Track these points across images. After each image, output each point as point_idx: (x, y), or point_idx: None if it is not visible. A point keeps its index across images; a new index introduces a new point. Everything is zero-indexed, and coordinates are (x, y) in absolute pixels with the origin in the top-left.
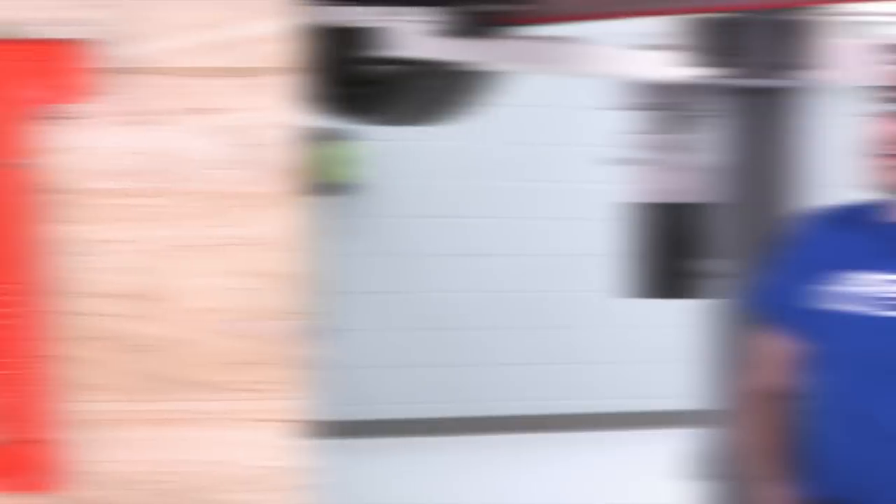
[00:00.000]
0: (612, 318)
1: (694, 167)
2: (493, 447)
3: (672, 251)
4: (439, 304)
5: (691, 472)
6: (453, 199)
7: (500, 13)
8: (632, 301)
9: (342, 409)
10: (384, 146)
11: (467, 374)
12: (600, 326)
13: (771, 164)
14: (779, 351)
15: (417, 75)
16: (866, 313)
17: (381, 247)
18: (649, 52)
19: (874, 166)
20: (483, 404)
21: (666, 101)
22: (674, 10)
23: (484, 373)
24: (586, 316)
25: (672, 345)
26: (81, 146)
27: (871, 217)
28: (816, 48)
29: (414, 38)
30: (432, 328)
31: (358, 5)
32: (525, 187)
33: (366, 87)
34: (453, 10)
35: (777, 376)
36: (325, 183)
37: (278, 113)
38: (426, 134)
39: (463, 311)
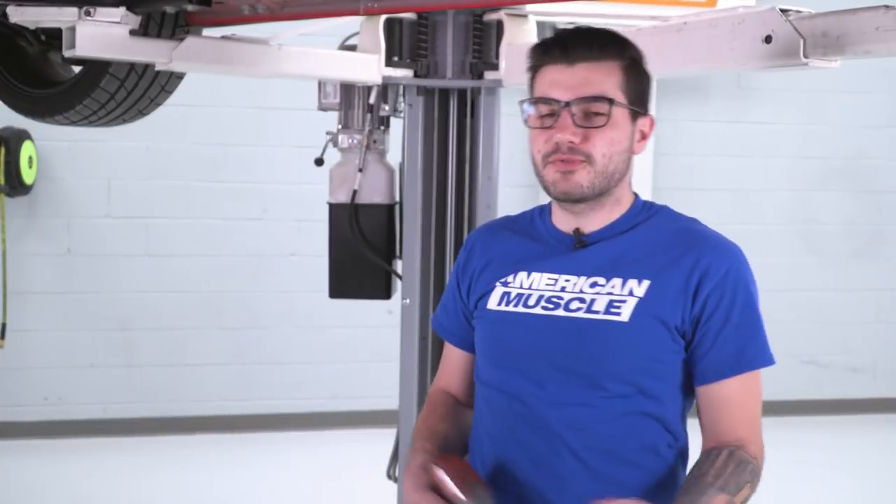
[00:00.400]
0: (304, 318)
1: (384, 168)
2: (187, 447)
3: (362, 251)
4: (128, 304)
5: (388, 470)
6: (141, 199)
7: (191, 13)
8: (324, 301)
9: (29, 410)
10: (69, 146)
11: (158, 375)
12: (292, 326)
13: (456, 165)
14: (455, 359)
15: (104, 75)
16: (532, 313)
17: (67, 247)
18: (341, 53)
19: (543, 173)
20: (174, 405)
21: (357, 102)
22: (366, 11)
23: (175, 373)
24: (278, 316)
25: (364, 345)
26: None
27: (536, 222)
28: (501, 49)
29: (102, 38)
30: (122, 329)
31: (43, 4)
32: (214, 187)
33: (51, 87)
34: (142, 9)
35: (455, 380)
36: (8, 183)
37: None
38: (112, 134)
39: (153, 312)
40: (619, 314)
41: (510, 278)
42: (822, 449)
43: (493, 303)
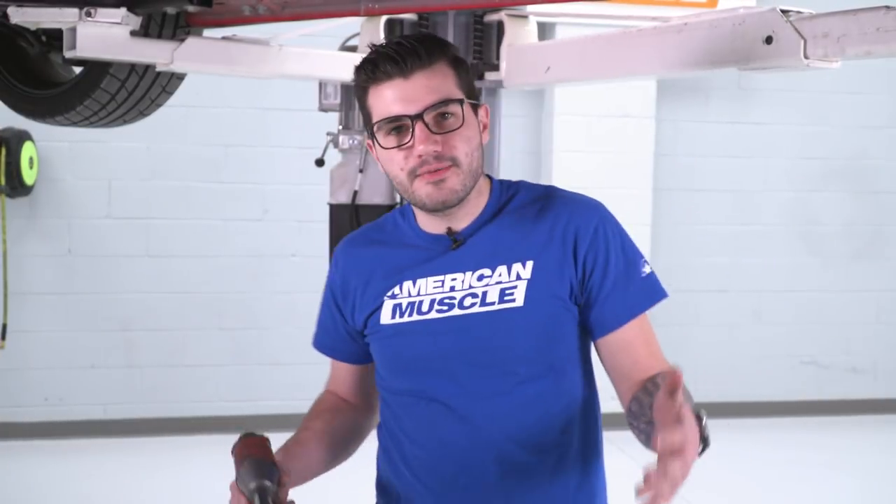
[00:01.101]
0: (305, 319)
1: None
2: (187, 448)
3: None
4: (129, 305)
5: None
6: (141, 199)
7: (191, 14)
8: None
9: (29, 411)
10: (70, 147)
11: (158, 375)
12: (293, 327)
13: None
14: (344, 372)
15: (105, 76)
16: (429, 318)
17: (67, 248)
18: (342, 53)
19: (412, 188)
20: (175, 405)
21: (356, 103)
22: (367, 11)
23: (176, 374)
24: (279, 316)
25: None
26: None
27: (401, 228)
28: (502, 50)
29: (103, 38)
30: (122, 329)
31: (44, 5)
32: (215, 188)
33: (51, 88)
34: (143, 10)
35: (344, 388)
36: (8, 184)
37: None
38: (112, 135)
39: (153, 312)
40: (513, 300)
41: (396, 290)
42: (823, 449)
43: (385, 318)
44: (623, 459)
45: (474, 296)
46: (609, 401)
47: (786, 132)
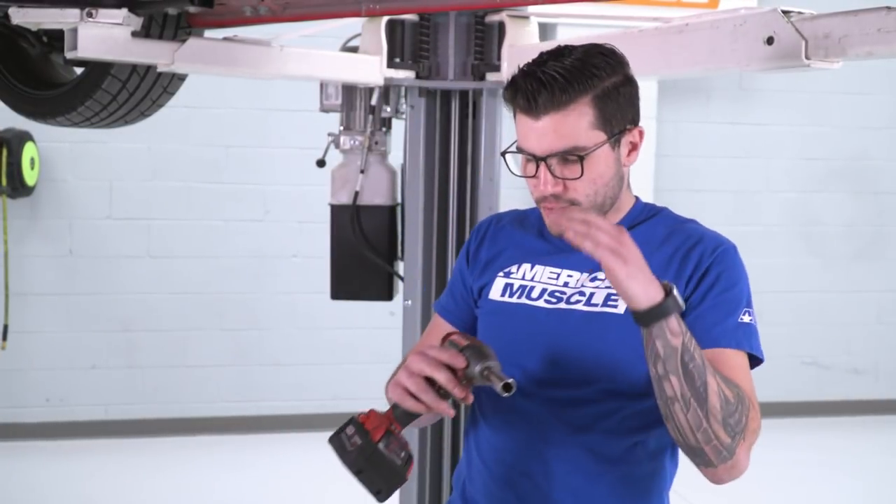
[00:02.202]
0: (306, 320)
1: (386, 169)
2: (188, 449)
3: (364, 253)
4: (130, 305)
5: None
6: (142, 200)
7: (192, 15)
8: (326, 302)
9: (31, 411)
10: (71, 147)
11: (159, 376)
12: (294, 328)
13: (458, 167)
14: (445, 331)
15: (106, 77)
16: (536, 305)
17: (69, 249)
18: (343, 54)
19: (542, 211)
20: (176, 406)
21: (359, 103)
22: (368, 12)
23: (177, 374)
24: (280, 317)
25: (366, 346)
26: None
27: (543, 221)
28: (503, 50)
29: (104, 39)
30: (123, 330)
31: (45, 6)
32: (216, 189)
33: (53, 89)
34: (144, 11)
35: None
36: (10, 184)
37: None
38: (113, 135)
39: (154, 313)
40: (615, 306)
41: (513, 269)
42: (824, 450)
43: (494, 293)
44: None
45: (581, 294)
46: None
47: (787, 133)
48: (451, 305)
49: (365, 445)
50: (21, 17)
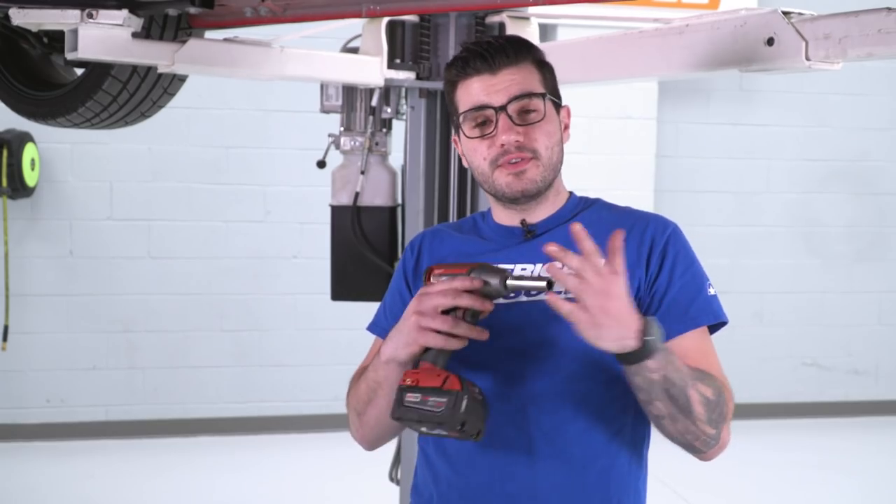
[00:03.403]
0: (306, 320)
1: (386, 170)
2: (189, 450)
3: (364, 253)
4: (131, 306)
5: (390, 472)
6: (143, 201)
7: (193, 16)
8: (326, 303)
9: (31, 412)
10: (71, 148)
11: (160, 377)
12: (294, 328)
13: (458, 167)
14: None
15: (107, 78)
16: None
17: (69, 250)
18: (343, 55)
19: (493, 177)
20: (176, 407)
21: (360, 104)
22: (368, 13)
23: (177, 375)
24: (280, 318)
25: (366, 347)
26: None
27: (479, 224)
28: None
29: (104, 40)
30: (124, 331)
31: (46, 7)
32: (217, 189)
33: (53, 90)
34: (144, 12)
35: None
36: (10, 185)
37: None
38: (113, 136)
39: (155, 314)
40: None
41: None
42: (824, 451)
43: None
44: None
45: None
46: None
47: (787, 134)
48: (389, 325)
49: (452, 400)
50: (21, 17)
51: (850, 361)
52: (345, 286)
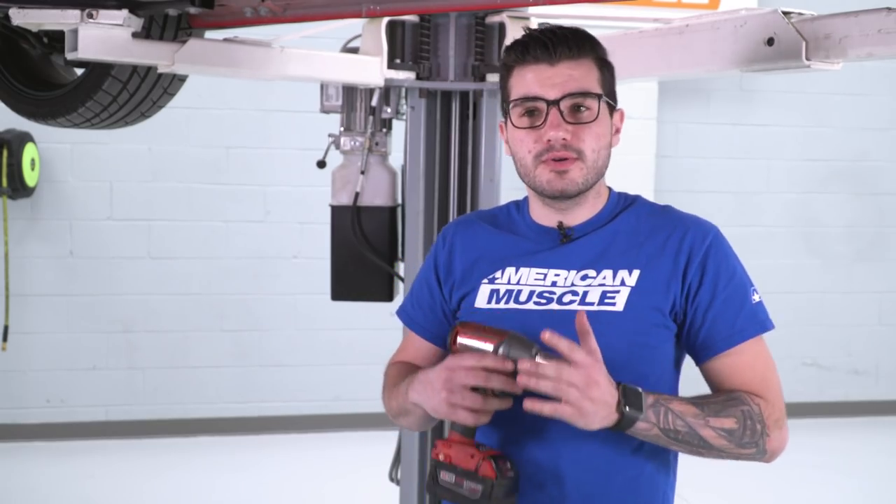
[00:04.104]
0: (306, 321)
1: (386, 170)
2: (188, 450)
3: (364, 253)
4: (130, 306)
5: (390, 472)
6: (143, 201)
7: (193, 16)
8: (326, 303)
9: (31, 412)
10: (71, 148)
11: (160, 377)
12: (294, 328)
13: (458, 167)
14: (420, 349)
15: (107, 78)
16: (525, 309)
17: (69, 250)
18: (343, 55)
19: (535, 173)
20: (176, 407)
21: (360, 104)
22: (368, 13)
23: (177, 375)
24: (280, 318)
25: (366, 347)
26: None
27: (514, 217)
28: (502, 51)
29: (104, 40)
30: (124, 331)
31: (46, 7)
32: (217, 190)
33: (53, 90)
34: (144, 12)
35: (416, 364)
36: (10, 185)
37: None
38: (113, 136)
39: (155, 314)
40: (613, 304)
41: (497, 274)
42: (824, 451)
43: (481, 301)
44: None
45: (574, 293)
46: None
47: (787, 134)
48: (420, 318)
49: (488, 489)
50: (22, 18)
51: (850, 361)
52: (345, 286)
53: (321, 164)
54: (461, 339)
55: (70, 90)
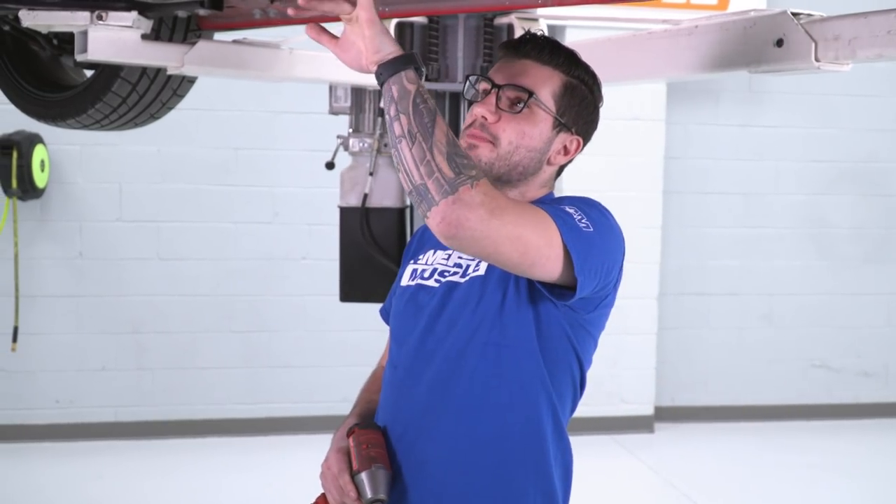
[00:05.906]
0: (315, 322)
1: (394, 171)
2: (197, 451)
3: (373, 255)
4: (140, 307)
5: None
6: (152, 202)
7: (202, 18)
8: (335, 304)
9: (40, 413)
10: (81, 150)
11: (169, 378)
12: (303, 330)
13: None
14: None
15: (116, 79)
16: (427, 284)
17: (78, 251)
18: None
19: (460, 142)
20: (185, 408)
21: (368, 105)
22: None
23: (186, 376)
24: (289, 319)
25: (375, 348)
26: None
27: None
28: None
29: (114, 42)
30: (133, 332)
31: (55, 9)
32: (225, 191)
33: (63, 92)
34: (154, 14)
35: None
36: (20, 187)
37: None
38: (123, 138)
39: (164, 315)
40: (478, 269)
41: (421, 256)
42: (833, 453)
43: (405, 280)
44: (631, 461)
45: (459, 266)
46: (619, 404)
47: (796, 135)
48: (390, 307)
49: None
50: (31, 19)
51: (859, 363)
52: (353, 287)
53: (330, 166)
54: (349, 440)
55: (80, 92)
